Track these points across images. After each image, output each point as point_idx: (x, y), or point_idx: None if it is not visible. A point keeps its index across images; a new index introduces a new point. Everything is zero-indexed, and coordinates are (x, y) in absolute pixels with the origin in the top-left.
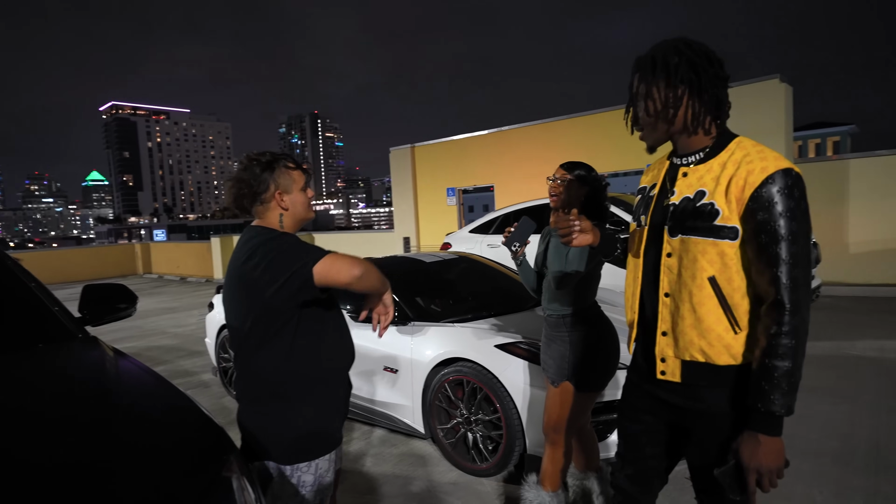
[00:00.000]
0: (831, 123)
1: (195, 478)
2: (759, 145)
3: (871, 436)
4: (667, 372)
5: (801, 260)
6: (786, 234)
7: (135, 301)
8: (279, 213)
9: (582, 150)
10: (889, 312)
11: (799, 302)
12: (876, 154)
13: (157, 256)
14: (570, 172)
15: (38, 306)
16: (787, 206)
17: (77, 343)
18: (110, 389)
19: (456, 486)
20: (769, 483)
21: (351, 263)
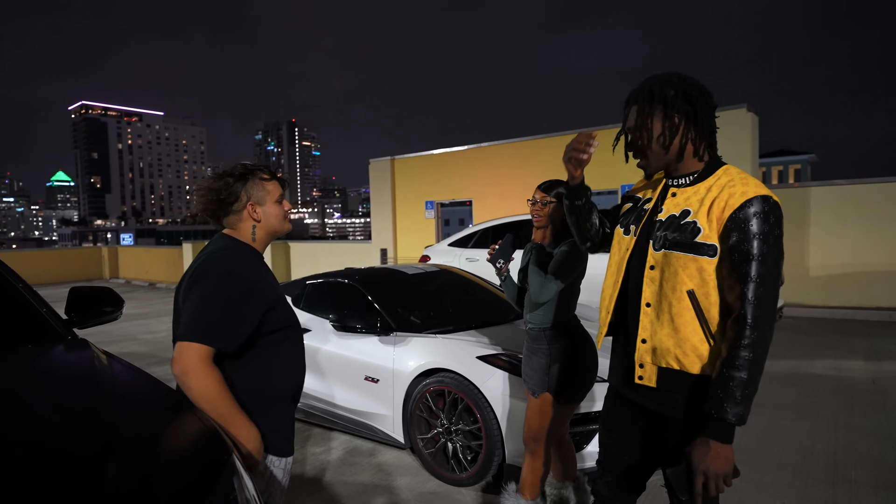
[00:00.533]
0: (793, 152)
1: (199, 477)
2: (743, 173)
3: (828, 449)
4: (644, 377)
5: (768, 280)
6: (756, 254)
7: (121, 305)
8: (252, 225)
9: (557, 169)
10: (845, 334)
11: (760, 318)
12: (834, 183)
13: (125, 261)
14: (549, 193)
15: (25, 307)
16: (761, 229)
17: (67, 344)
18: (106, 390)
19: (435, 495)
20: (715, 487)
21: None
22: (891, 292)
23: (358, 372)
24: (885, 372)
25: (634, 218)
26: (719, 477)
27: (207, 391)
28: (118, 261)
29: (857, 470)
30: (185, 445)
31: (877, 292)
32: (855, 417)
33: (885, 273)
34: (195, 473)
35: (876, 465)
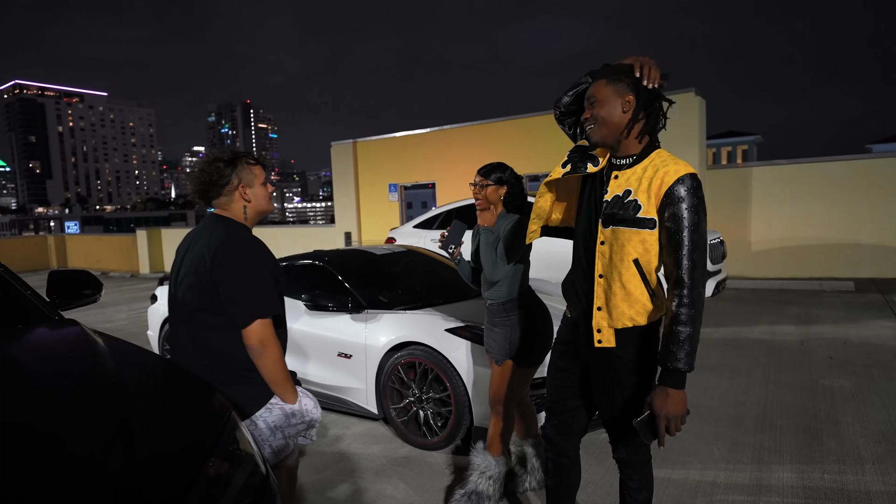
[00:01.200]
0: (741, 133)
1: (208, 429)
2: (672, 156)
3: (759, 402)
4: (603, 340)
5: (700, 245)
6: (688, 224)
7: (100, 288)
8: (243, 205)
9: (519, 150)
10: (781, 302)
11: (696, 279)
12: (774, 163)
13: (74, 250)
14: (487, 178)
15: (9, 289)
16: (692, 202)
17: (57, 323)
18: (109, 361)
19: (408, 459)
20: (675, 427)
21: (265, 347)
22: (821, 264)
23: (331, 349)
24: (811, 334)
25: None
26: (678, 419)
27: (278, 358)
28: (66, 250)
29: (782, 418)
30: (192, 403)
31: (810, 264)
32: (783, 374)
33: (816, 246)
34: (203, 427)
35: (798, 414)
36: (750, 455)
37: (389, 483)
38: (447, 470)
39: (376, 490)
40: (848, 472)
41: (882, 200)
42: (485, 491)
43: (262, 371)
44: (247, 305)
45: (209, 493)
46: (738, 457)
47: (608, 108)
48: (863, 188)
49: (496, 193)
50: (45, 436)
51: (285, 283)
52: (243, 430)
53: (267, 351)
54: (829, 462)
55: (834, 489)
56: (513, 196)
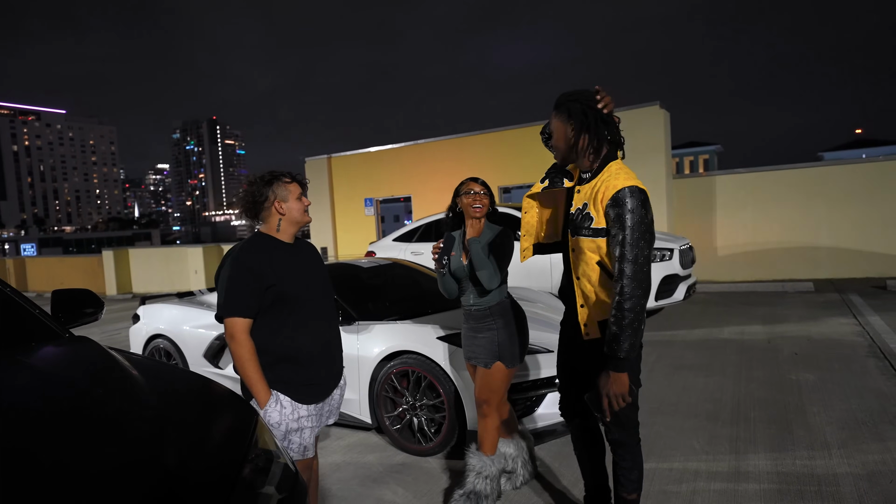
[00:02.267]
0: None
1: (240, 435)
2: (623, 169)
3: (733, 398)
4: (590, 333)
5: (636, 245)
6: (624, 228)
7: (101, 307)
8: (278, 218)
9: (492, 164)
10: (747, 304)
11: (633, 274)
12: (735, 172)
13: (35, 272)
14: (485, 187)
15: (19, 309)
16: (626, 210)
17: (71, 341)
18: (133, 375)
19: (405, 465)
20: (616, 404)
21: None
22: (783, 266)
23: None
24: (777, 333)
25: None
26: (618, 396)
27: (243, 355)
28: (26, 273)
29: (755, 411)
30: (219, 411)
31: (772, 267)
32: (754, 371)
33: (778, 250)
34: (235, 433)
35: (769, 406)
36: (727, 446)
37: (388, 489)
38: (443, 474)
39: (376, 496)
40: (817, 457)
41: (836, 205)
42: (482, 490)
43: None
44: (221, 305)
45: (248, 496)
46: (717, 448)
47: (556, 135)
48: (818, 194)
49: (491, 202)
50: (86, 448)
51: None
52: (269, 431)
53: (233, 345)
54: (799, 449)
55: (805, 473)
56: (493, 206)
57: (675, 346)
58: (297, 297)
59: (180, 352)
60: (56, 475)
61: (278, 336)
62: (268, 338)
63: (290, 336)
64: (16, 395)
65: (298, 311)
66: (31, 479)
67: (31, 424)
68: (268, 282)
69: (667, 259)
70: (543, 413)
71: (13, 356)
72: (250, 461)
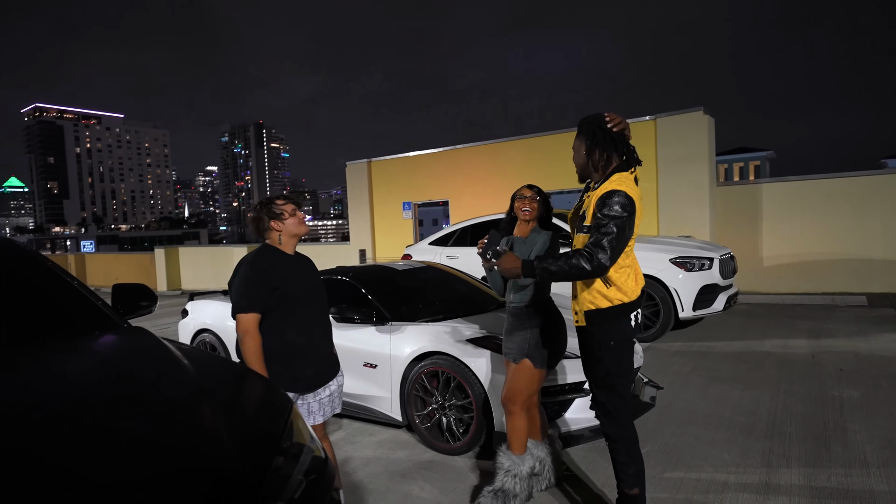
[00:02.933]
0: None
1: (276, 421)
2: (623, 179)
3: (770, 412)
4: (579, 321)
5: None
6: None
7: (156, 300)
8: (277, 234)
9: (528, 169)
10: (792, 317)
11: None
12: (783, 179)
13: (94, 268)
14: (537, 193)
15: (84, 300)
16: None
17: (130, 331)
18: (183, 363)
19: (433, 463)
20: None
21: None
22: (833, 279)
23: (357, 359)
24: (823, 347)
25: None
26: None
27: (250, 347)
28: (86, 268)
29: (792, 426)
30: (265, 396)
31: (822, 279)
32: (794, 386)
33: (828, 262)
34: (272, 418)
35: (807, 422)
36: (759, 459)
37: (416, 484)
38: (470, 473)
39: (404, 491)
40: (854, 474)
41: (892, 215)
42: (511, 489)
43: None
44: (236, 303)
45: (281, 475)
46: (748, 461)
47: (575, 153)
48: (874, 204)
49: (541, 208)
50: (142, 427)
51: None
52: (302, 419)
53: (247, 338)
54: (835, 466)
55: (839, 490)
56: (547, 213)
57: (712, 357)
58: (297, 299)
59: (224, 345)
60: (123, 444)
61: (275, 335)
62: (266, 335)
63: (285, 336)
64: (80, 378)
65: (295, 314)
66: (105, 448)
67: (94, 404)
68: (275, 284)
69: (706, 268)
70: (572, 418)
71: (78, 342)
72: (284, 446)
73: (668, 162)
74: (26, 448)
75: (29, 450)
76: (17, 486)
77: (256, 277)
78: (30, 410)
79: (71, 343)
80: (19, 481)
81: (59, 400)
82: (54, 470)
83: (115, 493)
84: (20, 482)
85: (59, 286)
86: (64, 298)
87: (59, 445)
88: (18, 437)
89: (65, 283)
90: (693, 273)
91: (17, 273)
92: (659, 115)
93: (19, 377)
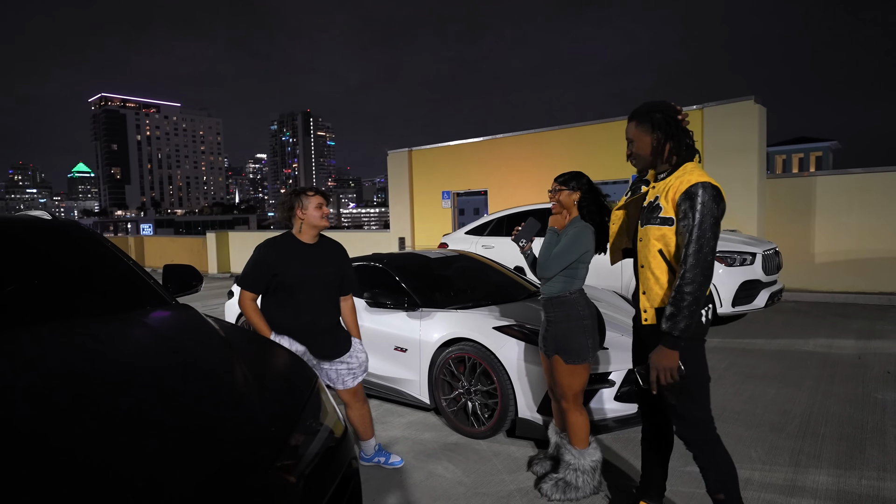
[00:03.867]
0: (814, 139)
1: (300, 392)
2: (697, 168)
3: (804, 411)
4: (648, 318)
5: (704, 235)
6: (693, 219)
7: (202, 280)
8: (299, 222)
9: (569, 159)
10: (843, 316)
11: (697, 261)
12: (840, 172)
13: (151, 250)
14: (562, 184)
15: (137, 279)
16: (696, 203)
17: (177, 307)
18: (222, 337)
19: (457, 445)
20: (664, 378)
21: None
22: (891, 277)
23: (388, 343)
24: (872, 349)
25: (633, 210)
26: (667, 371)
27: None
28: (144, 250)
29: (826, 427)
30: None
31: (879, 277)
32: (835, 386)
33: (885, 259)
34: (297, 389)
35: (843, 423)
36: (787, 458)
37: (440, 464)
38: (493, 457)
39: (428, 469)
40: (887, 479)
41: None
42: (573, 482)
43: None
44: (240, 278)
45: (304, 438)
46: (776, 459)
47: (639, 144)
48: None
49: (569, 198)
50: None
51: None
52: (327, 393)
53: (242, 306)
54: (868, 469)
55: (870, 494)
56: (587, 202)
57: (751, 354)
58: (294, 286)
59: None
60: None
61: (277, 311)
62: (271, 311)
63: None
64: (133, 346)
65: (293, 297)
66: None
67: (141, 365)
68: (276, 271)
69: (748, 263)
70: (596, 408)
71: (131, 316)
72: (307, 414)
73: (716, 152)
74: (96, 400)
75: (98, 401)
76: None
77: (261, 264)
78: (89, 374)
79: (126, 316)
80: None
81: (114, 365)
82: (110, 412)
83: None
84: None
85: (117, 266)
86: (121, 277)
87: (115, 399)
88: (87, 392)
89: (122, 263)
90: (733, 268)
91: (81, 253)
92: (706, 104)
93: (80, 346)
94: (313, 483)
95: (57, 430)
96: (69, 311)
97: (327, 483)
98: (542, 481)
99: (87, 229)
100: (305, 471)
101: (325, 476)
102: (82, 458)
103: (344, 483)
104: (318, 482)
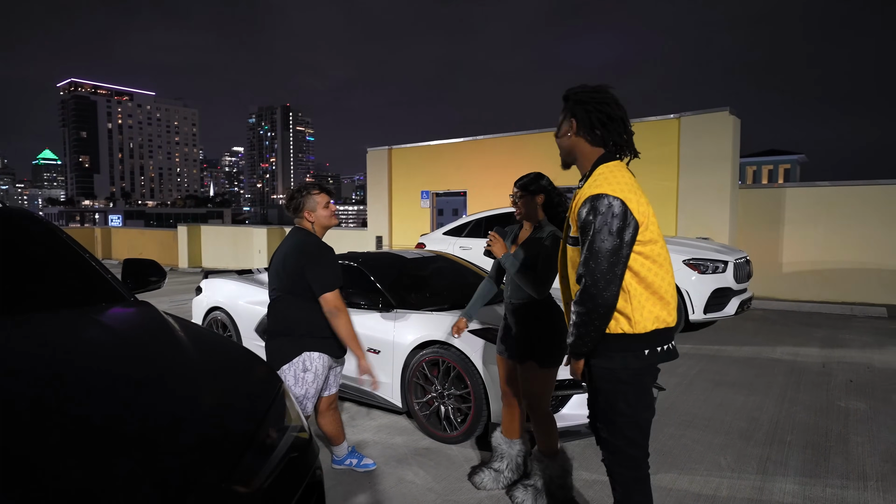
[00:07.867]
0: (783, 151)
1: (263, 397)
2: (605, 173)
3: (772, 418)
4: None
5: (596, 255)
6: (587, 238)
7: (164, 276)
8: (310, 223)
9: (547, 162)
10: (809, 325)
11: (587, 285)
12: (809, 184)
13: (119, 242)
14: (521, 188)
15: (93, 273)
16: (590, 219)
17: (135, 304)
18: (181, 337)
19: (429, 450)
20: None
21: (339, 311)
22: (855, 289)
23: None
24: (835, 357)
25: None
26: (574, 370)
27: (348, 320)
28: (111, 242)
29: (793, 434)
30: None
31: (843, 288)
32: (800, 394)
33: (851, 271)
34: (259, 394)
35: (809, 431)
36: (755, 466)
37: (410, 470)
38: (465, 462)
39: (398, 475)
40: (850, 486)
41: None
42: (545, 489)
43: (335, 328)
44: (321, 284)
45: (266, 446)
46: (744, 467)
47: (560, 132)
48: None
49: (532, 203)
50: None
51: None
52: (291, 399)
53: (340, 315)
54: (832, 477)
55: (833, 501)
56: (553, 203)
57: (720, 361)
58: None
59: (235, 324)
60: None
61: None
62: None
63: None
64: (83, 345)
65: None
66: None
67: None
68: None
69: (720, 271)
70: (568, 413)
71: (85, 313)
72: (270, 419)
73: (690, 161)
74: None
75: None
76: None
77: (335, 260)
78: (33, 369)
79: (77, 312)
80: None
81: (56, 364)
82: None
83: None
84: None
85: (72, 259)
86: (75, 270)
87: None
88: (21, 391)
89: (78, 257)
90: (706, 275)
91: (31, 243)
92: (683, 113)
93: (20, 343)
94: (275, 493)
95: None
96: (12, 305)
97: (290, 493)
98: (514, 488)
99: (40, 218)
100: (266, 482)
101: (287, 486)
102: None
103: (307, 493)
104: (280, 493)
